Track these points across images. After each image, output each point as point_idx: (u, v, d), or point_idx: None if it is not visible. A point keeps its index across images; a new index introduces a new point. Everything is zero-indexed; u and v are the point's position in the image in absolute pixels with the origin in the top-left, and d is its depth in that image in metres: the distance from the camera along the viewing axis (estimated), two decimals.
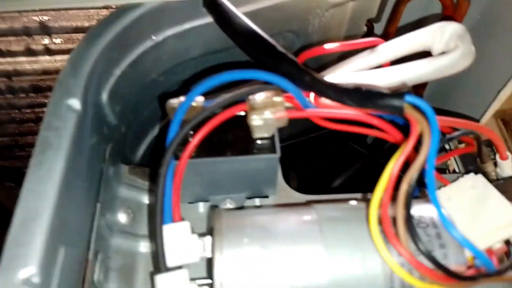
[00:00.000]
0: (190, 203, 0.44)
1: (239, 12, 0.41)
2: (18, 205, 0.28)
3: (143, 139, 0.52)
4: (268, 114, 0.36)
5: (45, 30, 0.60)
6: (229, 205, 0.43)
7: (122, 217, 0.42)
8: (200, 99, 0.37)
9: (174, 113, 0.36)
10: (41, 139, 0.31)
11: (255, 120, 0.36)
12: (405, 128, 0.36)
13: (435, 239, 0.33)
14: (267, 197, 0.45)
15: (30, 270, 0.26)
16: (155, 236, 0.34)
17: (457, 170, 0.55)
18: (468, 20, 0.57)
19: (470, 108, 0.63)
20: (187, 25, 0.45)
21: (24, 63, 0.64)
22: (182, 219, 0.36)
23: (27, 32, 0.59)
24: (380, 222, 0.31)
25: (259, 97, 0.37)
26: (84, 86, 0.35)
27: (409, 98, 0.31)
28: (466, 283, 0.30)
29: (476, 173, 0.46)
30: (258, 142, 0.39)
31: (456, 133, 0.39)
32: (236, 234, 0.33)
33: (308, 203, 0.38)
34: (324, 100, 0.37)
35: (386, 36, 0.63)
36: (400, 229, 0.30)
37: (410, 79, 0.38)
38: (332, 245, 0.32)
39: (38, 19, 0.58)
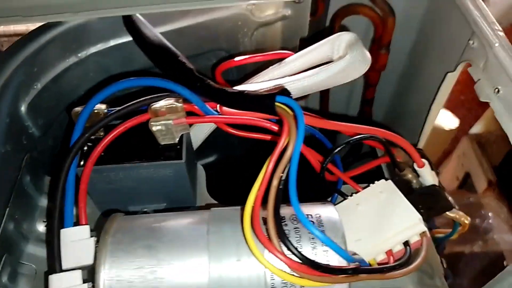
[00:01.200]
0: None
1: (151, 28, 0.43)
2: None
3: None
4: (167, 120, 0.38)
5: None
6: None
7: (40, 226, 0.43)
8: (102, 107, 0.39)
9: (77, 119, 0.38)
10: None
11: (154, 126, 0.38)
12: None
13: (308, 238, 0.34)
14: (188, 207, 0.46)
15: None
16: (52, 238, 0.36)
17: None
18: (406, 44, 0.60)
19: (410, 131, 0.64)
20: (112, 43, 0.47)
21: None
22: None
23: None
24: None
25: (161, 104, 0.39)
26: None
27: (280, 98, 0.32)
28: (334, 278, 0.31)
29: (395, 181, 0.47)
30: (165, 150, 0.40)
31: (355, 137, 0.40)
32: (123, 235, 0.34)
33: (208, 207, 0.39)
34: (227, 109, 0.39)
35: None
36: (270, 225, 0.31)
37: (307, 86, 0.40)
38: (215, 244, 0.33)
39: None
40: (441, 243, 0.59)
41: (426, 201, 0.48)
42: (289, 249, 0.30)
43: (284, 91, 0.34)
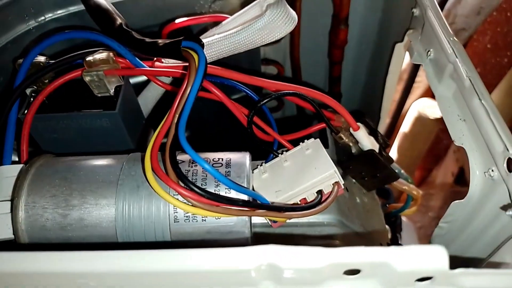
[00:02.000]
0: None
1: None
2: None
3: None
4: (99, 70, 0.41)
5: None
6: None
7: None
8: (41, 58, 0.42)
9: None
10: None
11: (86, 76, 0.41)
12: None
13: (224, 174, 0.36)
14: None
15: None
16: None
17: None
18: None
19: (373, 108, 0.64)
20: (71, 8, 0.51)
21: None
22: None
23: None
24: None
25: (95, 56, 0.41)
26: None
27: (185, 42, 0.34)
28: (229, 208, 0.32)
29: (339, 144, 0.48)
30: (101, 101, 0.43)
31: (279, 92, 0.42)
32: (45, 169, 0.37)
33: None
34: (158, 63, 0.42)
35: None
36: (167, 164, 0.33)
37: (232, 44, 0.41)
38: (125, 180, 0.35)
39: None
40: (396, 216, 0.60)
41: (368, 168, 0.49)
42: (182, 181, 0.32)
43: (191, 36, 0.36)
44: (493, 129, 0.31)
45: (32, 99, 0.43)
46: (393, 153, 1.02)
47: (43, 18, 0.50)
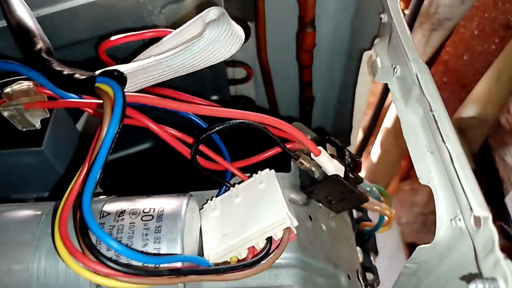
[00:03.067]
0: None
1: (18, 8, 0.41)
2: None
3: None
4: (18, 104, 0.36)
5: None
6: None
7: None
8: None
9: None
10: None
11: (5, 111, 0.36)
12: None
13: (152, 233, 0.31)
14: None
15: None
16: None
17: None
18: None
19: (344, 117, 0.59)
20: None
21: None
22: None
23: None
24: None
25: (13, 88, 0.36)
26: None
27: (100, 79, 0.29)
28: (155, 279, 0.28)
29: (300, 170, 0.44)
30: (27, 135, 0.38)
31: (226, 123, 0.37)
32: None
33: None
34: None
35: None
36: (77, 232, 0.28)
37: (170, 67, 0.36)
38: (41, 238, 0.31)
39: None
40: (370, 236, 0.56)
41: (334, 193, 0.44)
42: (92, 253, 0.27)
43: (109, 72, 0.30)
44: (457, 180, 0.26)
45: None
46: (377, 148, 0.97)
47: None
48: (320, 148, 0.41)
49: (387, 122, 0.95)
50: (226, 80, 0.63)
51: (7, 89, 0.36)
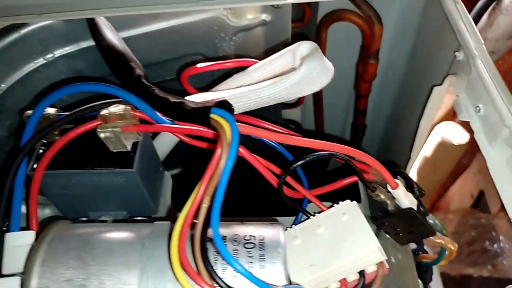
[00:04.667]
0: (73, 219, 0.45)
1: (110, 31, 0.42)
2: None
3: None
4: (115, 127, 0.37)
5: None
6: None
7: None
8: (51, 111, 0.38)
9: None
10: None
11: (102, 132, 0.37)
12: None
13: (257, 259, 0.32)
14: (149, 217, 0.44)
15: None
16: None
17: None
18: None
19: (402, 147, 0.60)
20: (83, 45, 0.47)
21: None
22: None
23: None
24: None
25: (111, 110, 0.37)
26: None
27: (215, 110, 0.30)
28: None
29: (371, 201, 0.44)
30: (118, 157, 0.39)
31: (314, 154, 0.38)
32: (58, 245, 0.33)
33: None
34: None
35: None
36: (196, 254, 0.29)
37: (262, 98, 0.38)
38: (147, 262, 0.32)
39: None
40: (428, 268, 0.56)
41: (404, 225, 0.45)
42: (214, 279, 0.28)
43: (222, 104, 0.32)
44: None
45: (41, 151, 0.39)
46: (413, 175, 0.98)
47: (51, 55, 0.46)
48: (397, 181, 0.42)
49: (426, 151, 0.96)
50: (281, 104, 0.65)
51: (104, 111, 0.37)
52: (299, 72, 0.35)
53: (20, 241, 0.36)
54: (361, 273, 0.35)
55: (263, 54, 0.57)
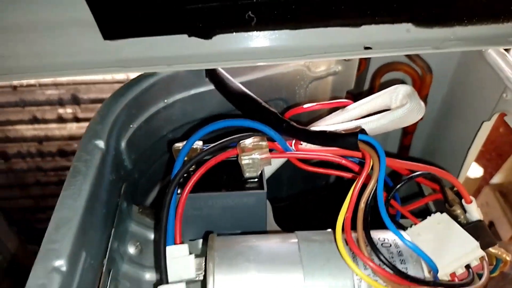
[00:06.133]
0: (191, 240, 0.51)
1: (232, 79, 0.51)
2: (53, 214, 0.36)
3: (152, 187, 0.60)
4: (255, 155, 0.45)
5: (75, 101, 0.71)
6: None
7: (131, 248, 0.49)
8: (199, 143, 0.45)
9: (178, 153, 0.45)
10: (72, 168, 0.40)
11: (244, 160, 0.44)
12: None
13: (397, 256, 0.39)
14: None
15: (60, 262, 0.33)
16: (159, 254, 0.41)
17: None
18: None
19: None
20: (192, 91, 0.55)
21: (54, 129, 0.75)
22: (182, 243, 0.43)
23: (60, 102, 0.70)
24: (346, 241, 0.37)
25: (248, 141, 0.45)
26: (108, 131, 0.45)
27: (362, 136, 0.39)
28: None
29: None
30: (248, 181, 0.47)
31: (414, 174, 0.46)
32: (226, 250, 0.40)
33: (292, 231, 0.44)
34: (302, 146, 0.46)
35: None
36: (360, 241, 0.36)
37: (371, 129, 0.46)
38: (307, 260, 0.39)
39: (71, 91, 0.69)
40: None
41: (473, 236, 0.53)
42: (380, 259, 0.36)
43: (363, 131, 0.40)
44: None
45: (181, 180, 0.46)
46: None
47: (172, 99, 0.54)
48: (471, 197, 0.51)
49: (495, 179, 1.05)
50: None
51: (244, 142, 0.45)
52: (405, 108, 0.45)
53: (177, 253, 0.42)
54: (468, 267, 0.43)
55: (328, 100, 0.67)
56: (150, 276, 0.48)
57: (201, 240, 0.51)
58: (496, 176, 1.12)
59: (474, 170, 0.99)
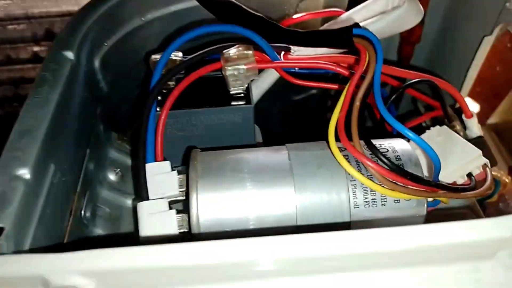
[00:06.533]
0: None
1: None
2: (17, 122, 0.32)
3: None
4: (240, 65, 0.41)
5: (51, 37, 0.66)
6: None
7: (111, 175, 0.46)
8: (178, 54, 0.42)
9: (155, 65, 0.41)
10: (38, 77, 0.36)
11: (229, 70, 0.41)
12: None
13: (395, 160, 0.36)
14: None
15: (23, 170, 0.30)
16: (138, 171, 0.38)
17: None
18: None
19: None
20: (173, 8, 0.51)
21: (31, 70, 0.70)
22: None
23: (34, 38, 0.66)
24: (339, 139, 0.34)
25: (232, 51, 0.41)
26: (78, 43, 0.41)
27: (357, 30, 0.35)
28: (423, 188, 0.33)
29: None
30: (234, 97, 0.43)
31: (413, 80, 0.43)
32: (210, 161, 0.37)
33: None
34: (291, 55, 0.43)
35: None
36: (355, 141, 0.33)
37: None
38: (298, 166, 0.36)
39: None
40: (482, 203, 0.61)
41: None
42: (377, 157, 0.33)
43: (357, 24, 0.36)
44: None
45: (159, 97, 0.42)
46: None
47: (149, 16, 0.49)
48: (472, 110, 0.48)
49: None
50: None
51: (229, 52, 0.41)
52: (402, 8, 0.41)
53: (158, 170, 0.38)
54: (469, 174, 0.40)
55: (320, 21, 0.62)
56: (131, 202, 0.45)
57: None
58: (492, 117, 1.10)
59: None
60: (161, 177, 0.38)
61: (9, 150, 0.31)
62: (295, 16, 0.47)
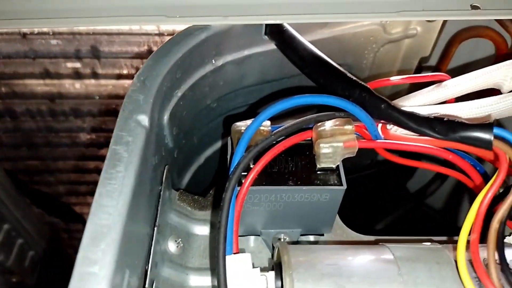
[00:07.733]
0: (240, 236, 0.42)
1: (304, 39, 0.40)
2: (88, 220, 0.27)
3: (190, 166, 0.51)
4: (337, 142, 0.35)
5: (95, 54, 0.60)
6: (282, 240, 0.41)
7: (171, 246, 0.40)
8: (267, 124, 0.36)
9: (240, 137, 0.35)
10: (111, 153, 0.30)
11: (324, 148, 0.35)
12: None
13: None
14: (322, 235, 0.42)
15: None
16: (216, 266, 0.32)
17: None
18: None
19: None
20: (246, 52, 0.45)
21: (69, 86, 0.64)
22: (239, 251, 0.34)
23: (77, 55, 0.60)
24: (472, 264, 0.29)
25: (328, 124, 0.35)
26: (152, 103, 0.35)
27: (497, 130, 0.29)
28: None
29: None
30: (322, 173, 0.37)
31: None
32: (307, 271, 0.31)
33: (376, 242, 0.35)
34: (394, 132, 0.36)
35: None
36: (492, 271, 0.28)
37: (480, 114, 0.36)
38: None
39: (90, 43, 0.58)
40: None
41: None
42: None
43: (495, 123, 0.30)
44: None
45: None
46: None
47: (221, 60, 0.43)
48: None
49: None
50: None
51: (322, 125, 0.35)
52: None
53: (238, 264, 0.33)
54: None
55: (396, 69, 0.56)
56: (194, 280, 0.39)
57: (252, 238, 0.42)
58: None
59: None
60: (242, 274, 0.33)
61: (84, 263, 0.25)
62: (392, 79, 0.41)
